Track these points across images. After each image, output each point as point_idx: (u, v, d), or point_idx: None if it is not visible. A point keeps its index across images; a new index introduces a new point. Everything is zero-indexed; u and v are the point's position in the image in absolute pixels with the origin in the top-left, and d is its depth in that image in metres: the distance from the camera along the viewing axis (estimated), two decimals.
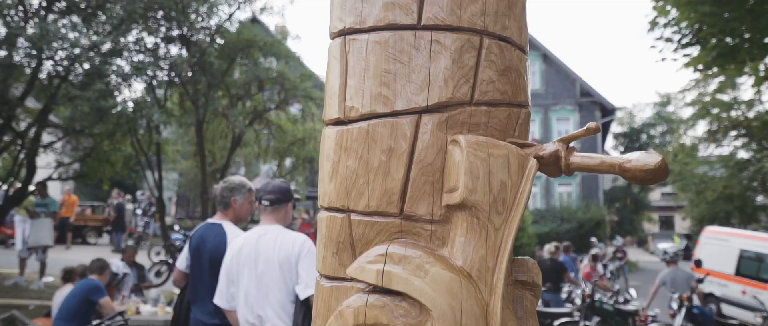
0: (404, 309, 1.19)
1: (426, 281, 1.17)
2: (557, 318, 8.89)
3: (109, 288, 7.01)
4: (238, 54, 12.92)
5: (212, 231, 4.06)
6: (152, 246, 16.39)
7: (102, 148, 12.10)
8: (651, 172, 1.16)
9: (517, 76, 1.32)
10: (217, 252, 3.92)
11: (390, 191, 1.25)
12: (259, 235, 3.52)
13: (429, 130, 1.25)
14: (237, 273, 3.49)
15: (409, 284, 1.18)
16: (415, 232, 1.24)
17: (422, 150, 1.25)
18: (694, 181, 24.95)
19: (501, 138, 1.26)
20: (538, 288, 1.33)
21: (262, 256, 3.44)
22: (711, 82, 23.49)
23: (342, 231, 1.30)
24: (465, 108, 1.26)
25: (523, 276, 1.32)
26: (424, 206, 1.24)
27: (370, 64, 1.29)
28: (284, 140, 16.13)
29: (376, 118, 1.28)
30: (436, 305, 1.16)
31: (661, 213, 42.38)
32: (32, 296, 10.00)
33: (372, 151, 1.27)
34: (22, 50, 9.37)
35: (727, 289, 14.05)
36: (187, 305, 4.20)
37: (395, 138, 1.26)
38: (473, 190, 1.20)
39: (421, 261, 1.20)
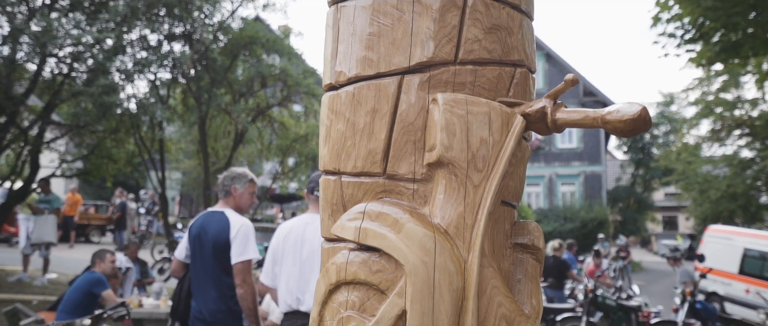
0: (381, 265, 1.21)
1: (400, 236, 1.18)
2: (560, 314, 8.88)
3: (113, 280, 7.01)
4: (241, 51, 12.95)
5: (213, 218, 4.09)
6: (155, 245, 16.41)
7: (105, 145, 12.14)
8: (631, 122, 1.14)
9: (507, 35, 1.30)
10: (220, 238, 3.97)
11: (374, 151, 1.27)
12: (307, 223, 3.65)
13: (411, 90, 1.26)
14: (282, 255, 3.63)
15: (383, 239, 1.20)
16: (398, 191, 1.26)
17: (404, 110, 1.26)
18: (697, 180, 24.88)
19: (491, 97, 1.25)
20: (539, 252, 1.32)
21: (308, 244, 3.57)
22: (714, 81, 23.47)
23: (334, 193, 1.34)
24: (448, 67, 1.26)
25: (523, 239, 1.32)
26: (405, 165, 1.25)
27: (356, 29, 1.32)
28: (287, 137, 16.16)
29: (361, 81, 1.30)
30: (408, 260, 1.17)
31: (664, 213, 42.30)
32: (35, 291, 10.02)
33: (358, 113, 1.30)
34: (25, 45, 9.41)
35: (731, 288, 14.01)
36: (186, 294, 4.23)
37: (378, 99, 1.27)
38: (449, 147, 1.20)
39: (397, 217, 1.21)
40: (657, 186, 35.69)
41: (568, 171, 29.20)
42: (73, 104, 11.10)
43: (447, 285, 1.15)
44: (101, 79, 9.33)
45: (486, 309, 1.19)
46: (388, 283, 1.20)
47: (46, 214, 10.92)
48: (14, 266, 12.13)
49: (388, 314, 1.19)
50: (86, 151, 12.26)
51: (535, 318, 1.27)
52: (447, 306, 1.15)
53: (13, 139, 10.91)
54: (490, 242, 1.23)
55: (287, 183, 19.09)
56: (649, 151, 34.54)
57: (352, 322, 1.22)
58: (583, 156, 29.03)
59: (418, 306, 1.15)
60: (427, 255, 1.16)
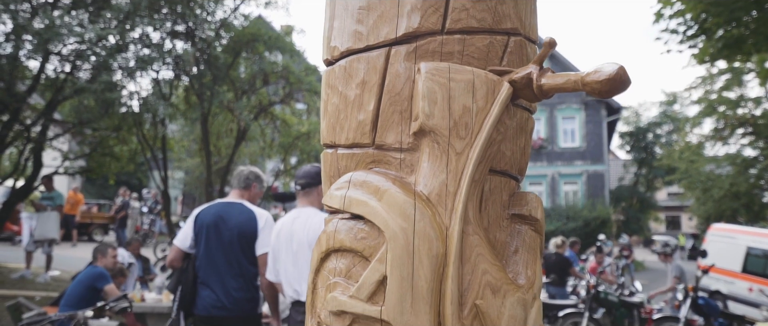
0: (365, 232, 1.22)
1: (381, 204, 1.20)
2: (562, 310, 8.88)
3: (115, 277, 7.03)
4: (243, 48, 12.97)
5: (234, 209, 4.16)
6: (158, 244, 16.45)
7: (107, 142, 12.17)
8: (607, 83, 1.12)
9: (498, 3, 1.29)
10: (247, 228, 4.08)
11: (363, 123, 1.29)
12: (294, 218, 3.74)
13: (398, 61, 1.27)
14: (278, 251, 3.74)
15: (365, 207, 1.21)
16: (386, 161, 1.27)
17: (391, 81, 1.27)
18: (700, 179, 24.84)
19: (480, 66, 1.25)
20: (537, 223, 1.31)
21: (296, 237, 3.66)
22: (717, 80, 23.42)
23: (332, 165, 1.37)
24: (435, 37, 1.26)
25: (521, 209, 1.31)
26: (392, 135, 1.27)
27: (349, 4, 1.35)
28: (289, 135, 16.17)
29: (352, 54, 1.33)
30: (388, 226, 1.18)
31: (667, 213, 42.23)
32: (38, 288, 10.05)
33: (349, 86, 1.32)
34: (28, 43, 9.44)
35: (734, 286, 13.98)
36: (193, 280, 4.19)
37: (368, 71, 1.30)
38: (431, 115, 1.21)
39: (379, 185, 1.22)
40: (660, 185, 35.63)
41: (571, 171, 29.15)
42: (75, 102, 11.14)
43: (426, 251, 1.15)
44: (104, 75, 9.35)
45: (470, 276, 1.18)
46: (372, 250, 1.21)
47: (49, 211, 10.95)
48: (17, 263, 12.16)
49: (369, 279, 1.20)
50: (89, 148, 12.29)
51: (529, 288, 1.25)
52: (426, 272, 1.15)
53: (15, 137, 10.94)
54: (476, 210, 1.23)
55: (289, 181, 19.10)
56: (652, 150, 34.47)
57: (338, 288, 1.24)
58: (586, 155, 28.98)
59: (398, 272, 1.16)
60: (406, 222, 1.17)
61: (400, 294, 1.16)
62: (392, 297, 1.16)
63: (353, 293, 1.22)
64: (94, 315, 4.77)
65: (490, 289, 1.19)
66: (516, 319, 1.20)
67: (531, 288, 1.26)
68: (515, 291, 1.22)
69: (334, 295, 1.24)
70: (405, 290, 1.15)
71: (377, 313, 1.18)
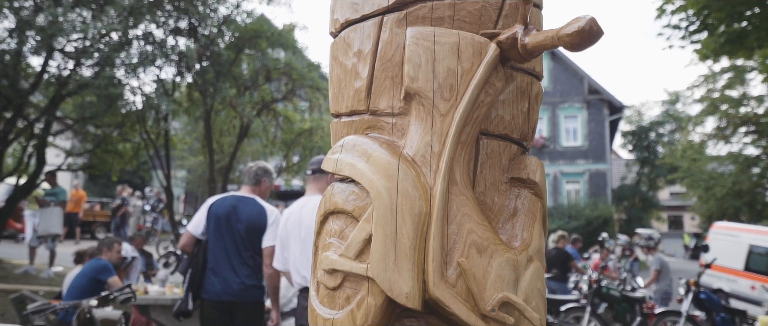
0: (356, 194, 1.26)
1: (368, 165, 1.24)
2: (564, 305, 8.87)
3: (118, 270, 7.06)
4: (246, 44, 12.99)
5: (246, 203, 4.42)
6: (160, 242, 16.46)
7: (110, 139, 12.20)
8: (576, 35, 1.13)
9: None
10: (258, 222, 4.34)
11: (359, 90, 1.33)
12: (303, 205, 3.87)
13: (390, 28, 1.31)
14: (286, 239, 3.85)
15: (353, 169, 1.25)
16: (380, 127, 1.31)
17: (383, 47, 1.31)
18: (703, 178, 24.80)
19: (472, 30, 1.27)
20: (536, 186, 1.31)
21: (304, 225, 3.76)
22: (720, 78, 23.37)
23: (337, 134, 1.41)
24: (425, 3, 1.29)
25: (520, 173, 1.32)
26: (385, 100, 1.30)
27: None
28: (291, 131, 16.21)
29: (350, 25, 1.38)
30: (373, 186, 1.22)
31: (670, 212, 42.14)
32: (42, 283, 10.08)
33: (347, 55, 1.37)
34: (32, 39, 9.47)
35: (737, 285, 13.95)
36: (203, 266, 4.41)
37: (362, 40, 1.34)
38: (415, 78, 1.24)
39: (366, 147, 1.26)
40: (662, 185, 35.56)
41: (573, 169, 29.14)
42: (78, 98, 11.17)
43: (408, 210, 1.18)
44: (107, 71, 9.38)
45: (455, 235, 1.20)
46: (361, 210, 1.24)
47: (53, 206, 10.98)
48: (20, 260, 12.19)
49: (356, 238, 1.24)
50: (92, 145, 12.32)
51: (523, 250, 1.26)
52: (408, 230, 1.18)
53: (19, 133, 10.98)
54: (464, 172, 1.24)
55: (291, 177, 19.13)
56: (654, 149, 34.42)
57: (331, 248, 1.29)
58: (588, 154, 28.96)
59: (381, 230, 1.19)
60: (390, 181, 1.20)
61: (383, 252, 1.19)
62: (376, 255, 1.19)
63: (343, 252, 1.26)
64: (98, 305, 4.79)
65: (476, 248, 1.20)
66: (503, 279, 1.20)
67: (525, 250, 1.26)
68: (504, 252, 1.22)
69: (327, 254, 1.29)
70: (388, 248, 1.18)
71: (364, 271, 1.21)
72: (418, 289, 1.17)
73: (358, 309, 1.23)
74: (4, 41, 9.36)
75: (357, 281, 1.24)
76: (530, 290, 1.25)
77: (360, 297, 1.23)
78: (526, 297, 1.24)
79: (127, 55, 10.08)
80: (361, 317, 1.22)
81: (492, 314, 1.18)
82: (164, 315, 6.47)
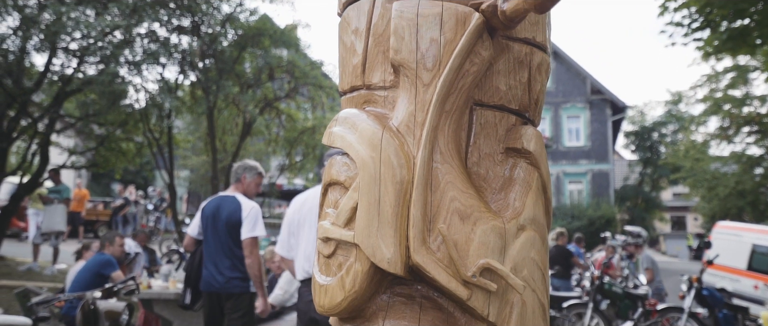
0: (347, 165, 1.30)
1: (355, 136, 1.27)
2: (566, 301, 8.88)
3: (121, 265, 7.09)
4: (249, 42, 13.03)
5: (227, 201, 4.79)
6: (163, 241, 16.48)
7: (114, 137, 12.24)
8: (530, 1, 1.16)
9: None
10: (233, 217, 4.69)
11: (356, 66, 1.37)
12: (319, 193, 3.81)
13: (380, 3, 1.34)
14: (298, 225, 3.91)
15: (344, 141, 1.29)
16: (374, 100, 1.34)
17: (375, 23, 1.34)
18: (705, 178, 24.75)
19: (463, 2, 1.28)
20: (531, 156, 1.32)
21: None
22: (723, 78, 23.32)
23: None
24: None
25: (515, 143, 1.32)
26: (378, 74, 1.33)
27: None
28: (294, 129, 16.24)
29: (350, 4, 1.42)
30: (358, 156, 1.25)
31: (672, 213, 42.07)
32: (45, 280, 10.11)
33: (347, 33, 1.41)
34: (36, 37, 9.51)
35: (739, 284, 13.91)
36: (198, 264, 4.93)
37: (358, 17, 1.38)
38: (398, 50, 1.26)
39: (355, 119, 1.30)
40: (665, 185, 35.51)
41: (576, 170, 29.13)
42: (82, 96, 11.21)
43: (390, 178, 1.21)
44: (110, 67, 9.41)
45: (439, 203, 1.22)
46: (351, 181, 1.28)
47: (56, 204, 11.01)
48: (24, 258, 12.23)
49: (345, 206, 1.28)
50: (95, 143, 12.36)
51: (513, 218, 1.26)
52: (390, 198, 1.20)
53: (23, 131, 11.01)
54: (450, 141, 1.25)
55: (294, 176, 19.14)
56: (657, 149, 34.38)
57: (327, 218, 1.33)
58: (591, 154, 28.95)
59: (366, 198, 1.22)
60: (374, 151, 1.23)
61: (367, 219, 1.22)
62: (361, 222, 1.23)
63: (334, 220, 1.30)
64: (102, 296, 4.82)
65: (458, 216, 1.21)
66: (487, 246, 1.21)
67: (515, 219, 1.26)
68: (489, 220, 1.23)
69: (322, 223, 1.34)
70: (372, 215, 1.21)
71: (351, 238, 1.24)
72: (400, 255, 1.20)
73: (347, 274, 1.27)
74: (9, 38, 9.40)
75: (347, 248, 1.27)
76: (520, 258, 1.25)
77: (349, 263, 1.26)
78: (514, 265, 1.24)
79: (131, 52, 10.12)
80: (350, 282, 1.26)
81: (473, 280, 1.19)
82: (168, 310, 6.50)
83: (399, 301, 1.26)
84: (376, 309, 1.28)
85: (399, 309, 1.26)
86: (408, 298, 1.26)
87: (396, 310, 1.26)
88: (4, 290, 8.95)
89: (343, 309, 1.29)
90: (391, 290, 1.27)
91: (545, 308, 1.31)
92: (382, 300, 1.27)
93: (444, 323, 1.23)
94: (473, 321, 1.23)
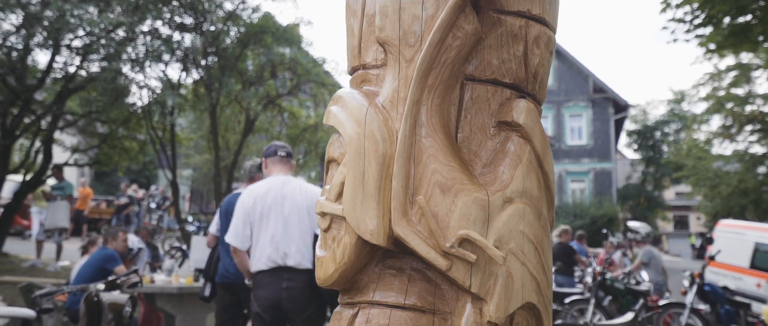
0: (340, 141, 1.35)
1: (344, 113, 1.32)
2: (568, 297, 8.89)
3: (124, 260, 7.13)
4: (252, 39, 13.06)
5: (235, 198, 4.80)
6: (166, 239, 16.52)
7: (116, 134, 12.27)
8: None
9: None
10: None
11: (354, 47, 1.42)
12: (283, 183, 4.01)
13: None
14: (261, 215, 3.91)
15: (334, 118, 1.34)
16: (369, 79, 1.37)
17: (369, 4, 1.37)
18: (708, 176, 24.70)
19: None
20: (521, 128, 1.31)
21: (288, 200, 3.91)
22: (725, 76, 23.28)
23: None
24: None
25: (506, 116, 1.32)
26: (371, 54, 1.37)
27: None
28: (297, 127, 16.29)
29: None
30: (346, 131, 1.30)
31: (675, 212, 41.98)
32: (49, 276, 10.14)
33: (347, 16, 1.46)
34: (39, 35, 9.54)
35: (742, 282, 13.88)
36: (216, 259, 5.07)
37: (356, 0, 1.42)
38: (382, 28, 1.30)
39: (346, 97, 1.35)
40: (667, 184, 35.43)
41: (578, 168, 29.12)
42: (85, 94, 11.24)
43: (373, 152, 1.24)
44: (113, 64, 9.45)
45: (421, 175, 1.24)
46: (343, 157, 1.32)
47: (59, 200, 11.04)
48: (28, 256, 12.26)
49: (336, 181, 1.33)
50: (98, 140, 12.40)
51: (499, 190, 1.26)
52: (374, 171, 1.24)
53: (26, 128, 11.05)
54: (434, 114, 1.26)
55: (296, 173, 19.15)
56: (659, 148, 34.32)
57: (324, 193, 1.38)
58: (593, 153, 28.94)
59: (352, 172, 1.26)
60: (359, 126, 1.27)
61: (353, 193, 1.26)
62: (347, 195, 1.27)
63: (327, 195, 1.35)
64: (105, 288, 4.84)
65: (439, 188, 1.23)
66: (468, 218, 1.22)
67: (501, 191, 1.27)
68: (472, 192, 1.23)
69: (319, 199, 1.38)
70: (357, 188, 1.25)
71: (341, 211, 1.29)
72: (383, 227, 1.23)
73: (337, 247, 1.31)
74: (12, 35, 9.44)
75: (339, 221, 1.31)
76: (506, 231, 1.25)
77: (340, 236, 1.31)
78: (499, 237, 1.24)
79: (133, 49, 10.15)
80: (340, 255, 1.30)
81: (452, 251, 1.20)
82: (170, 304, 6.52)
83: (389, 273, 1.29)
84: (368, 281, 1.31)
85: (389, 281, 1.29)
86: (398, 270, 1.29)
87: (386, 282, 1.29)
88: (7, 286, 9.00)
89: (336, 281, 1.33)
90: (383, 263, 1.30)
91: (540, 283, 1.30)
92: (374, 272, 1.31)
93: (430, 294, 1.26)
94: (460, 293, 1.25)
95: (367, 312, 1.29)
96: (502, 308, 1.23)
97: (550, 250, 1.36)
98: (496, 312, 1.22)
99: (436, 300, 1.26)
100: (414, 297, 1.26)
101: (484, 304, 1.23)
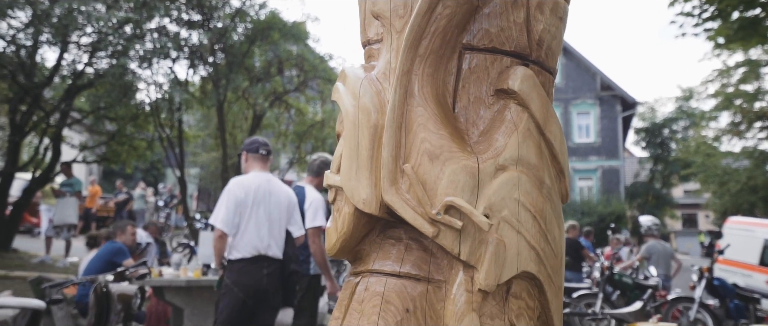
0: (342, 116, 1.37)
1: (343, 87, 1.35)
2: (576, 291, 8.87)
3: (133, 255, 7.15)
4: (259, 36, 13.10)
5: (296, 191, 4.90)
6: (173, 237, 16.57)
7: (124, 131, 12.33)
8: None
9: None
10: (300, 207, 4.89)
11: (361, 24, 1.45)
12: (268, 179, 4.30)
13: None
14: (250, 206, 4.13)
15: (337, 93, 1.37)
16: (371, 54, 1.40)
17: None
18: (717, 173, 24.56)
19: None
20: (516, 95, 1.30)
21: (274, 196, 4.22)
22: (734, 73, 23.13)
23: None
24: None
25: (503, 84, 1.31)
26: (373, 29, 1.39)
27: None
28: (303, 123, 16.32)
29: None
30: (343, 105, 1.33)
31: (684, 210, 41.78)
32: (58, 271, 10.19)
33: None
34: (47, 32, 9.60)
35: (752, 279, 13.80)
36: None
37: None
38: (375, 2, 1.33)
39: (348, 72, 1.37)
40: (676, 182, 35.25)
41: (586, 166, 29.02)
42: (93, 91, 11.30)
43: (365, 122, 1.27)
44: (121, 60, 9.50)
45: (411, 144, 1.25)
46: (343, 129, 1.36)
47: (68, 197, 11.09)
48: (37, 252, 12.33)
49: (337, 153, 1.37)
50: (106, 138, 12.45)
51: (492, 158, 1.25)
52: (365, 141, 1.26)
53: (35, 125, 11.12)
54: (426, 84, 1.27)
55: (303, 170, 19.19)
56: (668, 146, 34.13)
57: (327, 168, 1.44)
58: (601, 150, 28.83)
59: (348, 143, 1.29)
60: (354, 99, 1.30)
61: (348, 163, 1.28)
62: (344, 166, 1.30)
63: (332, 167, 1.38)
64: (114, 279, 4.87)
65: (428, 156, 1.23)
66: (457, 185, 1.21)
67: (493, 159, 1.25)
68: (461, 159, 1.23)
69: (326, 172, 1.41)
70: (352, 159, 1.28)
71: (339, 182, 1.32)
72: (375, 196, 1.25)
73: (338, 216, 1.34)
74: (21, 33, 9.49)
75: (341, 193, 1.33)
76: (498, 198, 1.23)
77: (341, 206, 1.33)
78: (489, 204, 1.23)
79: (141, 46, 10.20)
80: (340, 224, 1.33)
81: (438, 218, 1.20)
82: (179, 297, 6.54)
83: (388, 243, 1.32)
84: (369, 250, 1.34)
85: (387, 250, 1.31)
86: (396, 240, 1.31)
87: (384, 250, 1.31)
88: (17, 281, 9.05)
89: (338, 250, 1.35)
90: (384, 232, 1.33)
91: (541, 253, 1.28)
92: (374, 242, 1.33)
93: (426, 263, 1.27)
94: (454, 262, 1.24)
95: (366, 281, 1.31)
96: (492, 276, 1.22)
97: (555, 220, 1.33)
98: (486, 280, 1.21)
99: (431, 269, 1.27)
100: (409, 265, 1.27)
101: (476, 272, 1.22)
